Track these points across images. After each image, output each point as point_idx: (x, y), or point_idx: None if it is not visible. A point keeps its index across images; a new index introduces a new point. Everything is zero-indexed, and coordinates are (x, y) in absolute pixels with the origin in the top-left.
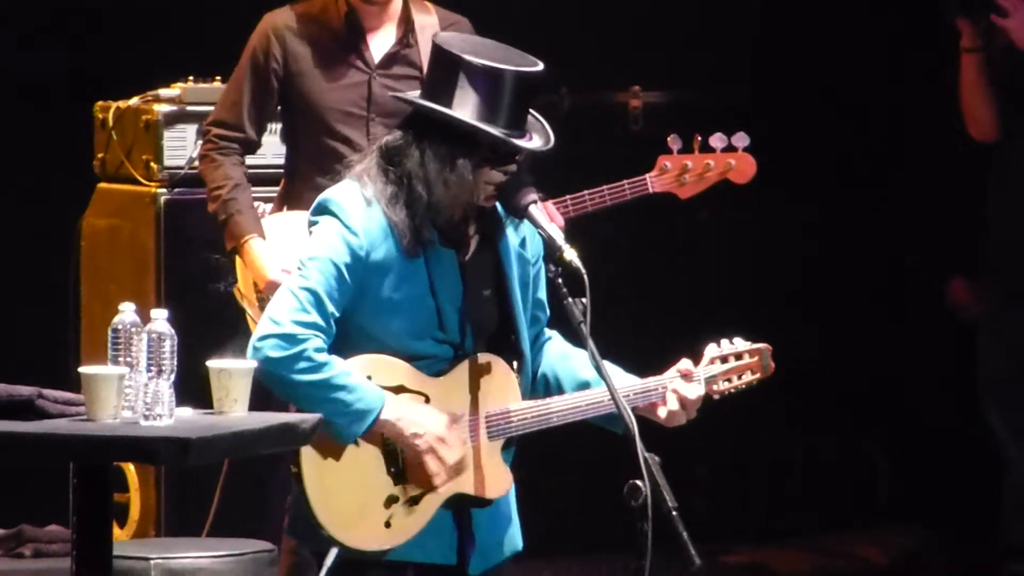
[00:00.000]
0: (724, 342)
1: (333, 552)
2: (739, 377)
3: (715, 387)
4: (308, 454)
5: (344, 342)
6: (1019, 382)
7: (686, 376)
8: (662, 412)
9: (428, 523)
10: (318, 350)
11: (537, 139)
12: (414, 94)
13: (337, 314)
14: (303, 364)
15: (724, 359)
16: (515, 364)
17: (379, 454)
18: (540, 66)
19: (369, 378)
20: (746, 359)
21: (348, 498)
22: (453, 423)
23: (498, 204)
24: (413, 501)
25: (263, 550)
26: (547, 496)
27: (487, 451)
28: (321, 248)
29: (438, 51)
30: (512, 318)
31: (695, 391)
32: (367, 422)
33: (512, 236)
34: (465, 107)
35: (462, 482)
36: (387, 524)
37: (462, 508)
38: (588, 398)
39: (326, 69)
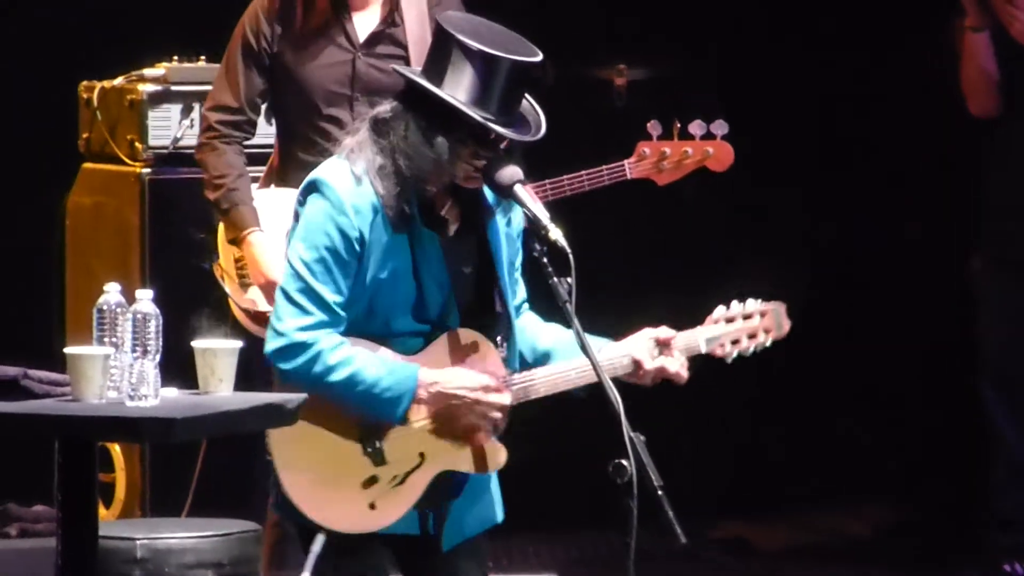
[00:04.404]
0: (734, 303)
1: (320, 539)
2: (750, 338)
3: (721, 350)
4: (278, 441)
5: None
6: (1018, 356)
7: (662, 344)
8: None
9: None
10: (333, 348)
11: (525, 128)
12: (412, 69)
13: (340, 299)
14: (319, 368)
15: (730, 320)
16: (499, 339)
17: (353, 436)
18: (539, 56)
19: None
20: (756, 319)
21: (325, 482)
22: (490, 380)
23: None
24: (397, 481)
25: (248, 530)
26: (531, 472)
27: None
28: (312, 236)
29: (438, 29)
30: (500, 295)
31: (662, 363)
32: (402, 407)
33: (500, 217)
34: (456, 87)
35: (451, 459)
36: (372, 506)
37: (435, 489)
38: (570, 370)
39: (312, 48)
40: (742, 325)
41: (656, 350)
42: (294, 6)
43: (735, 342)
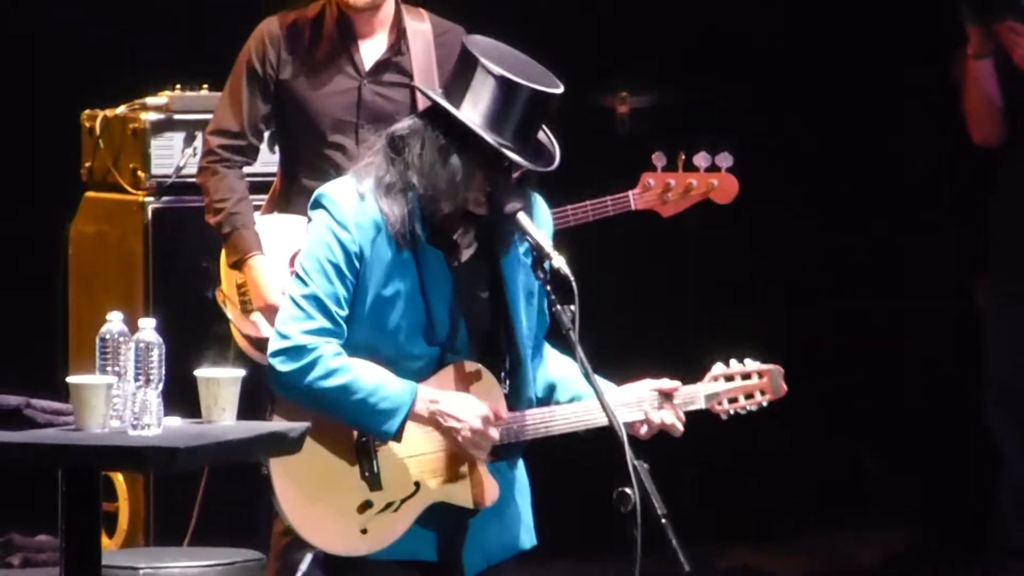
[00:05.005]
0: (733, 361)
1: (308, 557)
2: (747, 397)
3: (718, 406)
4: (278, 458)
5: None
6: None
7: (665, 396)
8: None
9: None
10: (334, 355)
11: (539, 157)
12: (433, 88)
13: (342, 312)
14: (317, 372)
15: (730, 378)
16: (503, 373)
17: (351, 458)
18: (560, 88)
19: None
20: (754, 379)
21: (319, 502)
22: (491, 409)
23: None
24: (392, 508)
25: (252, 559)
26: (534, 499)
27: (473, 459)
28: (316, 248)
29: (463, 51)
30: (508, 326)
31: (661, 416)
32: (398, 419)
33: (519, 246)
34: (474, 110)
35: (445, 491)
36: (363, 531)
37: (451, 514)
38: (576, 411)
39: (318, 75)
40: (740, 384)
41: (657, 401)
42: (301, 33)
43: (732, 400)
